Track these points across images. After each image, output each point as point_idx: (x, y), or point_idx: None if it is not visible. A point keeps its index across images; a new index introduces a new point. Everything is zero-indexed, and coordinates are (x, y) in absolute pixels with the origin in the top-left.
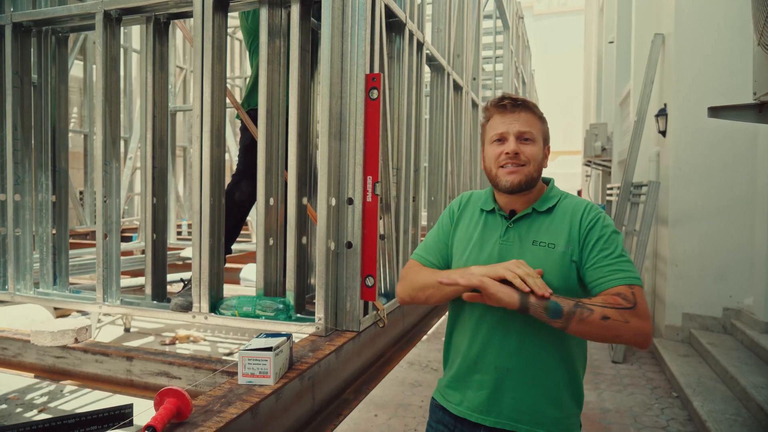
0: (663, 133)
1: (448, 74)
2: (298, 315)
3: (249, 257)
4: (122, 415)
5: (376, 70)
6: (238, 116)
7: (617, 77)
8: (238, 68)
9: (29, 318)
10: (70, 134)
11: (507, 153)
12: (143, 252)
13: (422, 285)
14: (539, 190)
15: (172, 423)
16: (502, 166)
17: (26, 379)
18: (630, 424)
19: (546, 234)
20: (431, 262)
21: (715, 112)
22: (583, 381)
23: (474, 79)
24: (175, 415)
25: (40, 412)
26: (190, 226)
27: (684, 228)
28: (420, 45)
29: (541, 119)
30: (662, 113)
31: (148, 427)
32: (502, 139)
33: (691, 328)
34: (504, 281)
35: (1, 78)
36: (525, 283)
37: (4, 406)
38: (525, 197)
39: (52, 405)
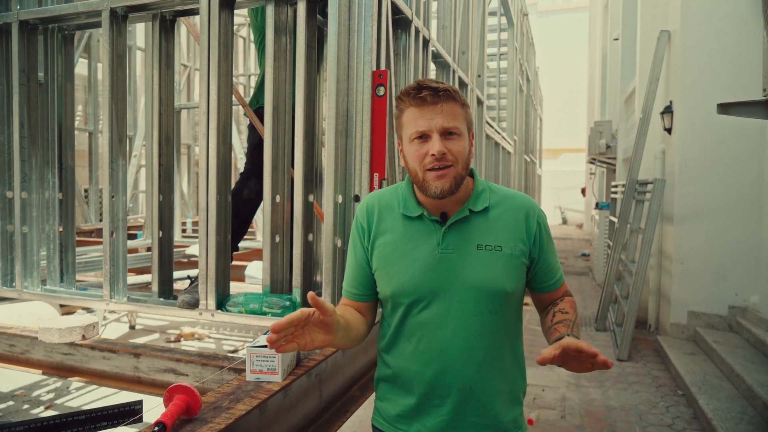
0: (668, 130)
1: (454, 71)
2: None
3: (254, 254)
4: (132, 411)
5: (383, 67)
6: (245, 114)
7: (622, 74)
8: (242, 66)
9: (36, 315)
10: (75, 132)
11: (433, 155)
12: (148, 249)
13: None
14: (466, 184)
15: (181, 419)
16: (429, 170)
17: (32, 375)
18: (635, 422)
19: (488, 236)
20: (355, 293)
21: (724, 108)
22: (585, 377)
23: (479, 76)
24: (185, 412)
25: (46, 408)
26: (194, 223)
27: (690, 225)
28: (426, 42)
29: (464, 105)
30: (668, 110)
31: (158, 423)
32: (424, 137)
33: (696, 326)
34: None
35: (7, 76)
36: None
37: (11, 402)
38: (454, 197)
39: (58, 402)
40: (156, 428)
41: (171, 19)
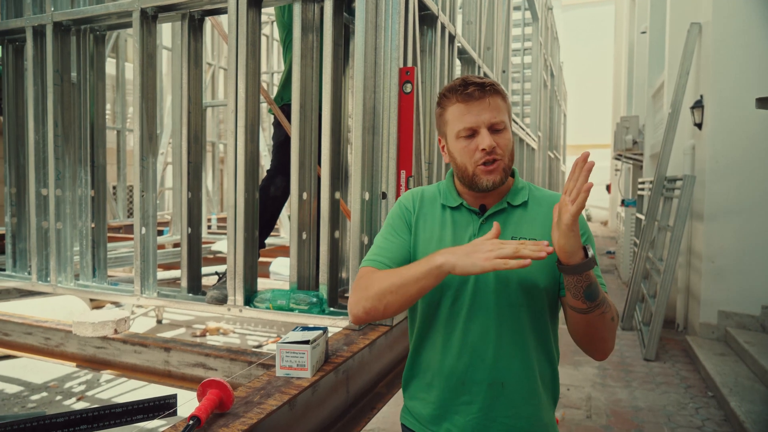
0: (699, 125)
1: (479, 67)
2: (331, 309)
3: (278, 251)
4: (167, 404)
5: (410, 63)
6: (270, 111)
7: (650, 68)
8: (265, 63)
9: (67, 309)
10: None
11: (483, 149)
12: (174, 245)
13: (380, 291)
14: (508, 181)
15: (214, 413)
16: (480, 165)
17: (65, 367)
18: (663, 423)
19: (524, 229)
20: (387, 264)
21: (763, 103)
22: (612, 377)
23: (504, 71)
24: (218, 406)
25: (78, 400)
26: (219, 220)
27: (720, 223)
28: (452, 38)
29: (505, 98)
30: (698, 105)
31: (192, 417)
32: (472, 133)
33: (727, 326)
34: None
35: (42, 76)
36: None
37: (44, 393)
38: (496, 191)
39: (89, 393)
40: (191, 422)
41: (199, 19)
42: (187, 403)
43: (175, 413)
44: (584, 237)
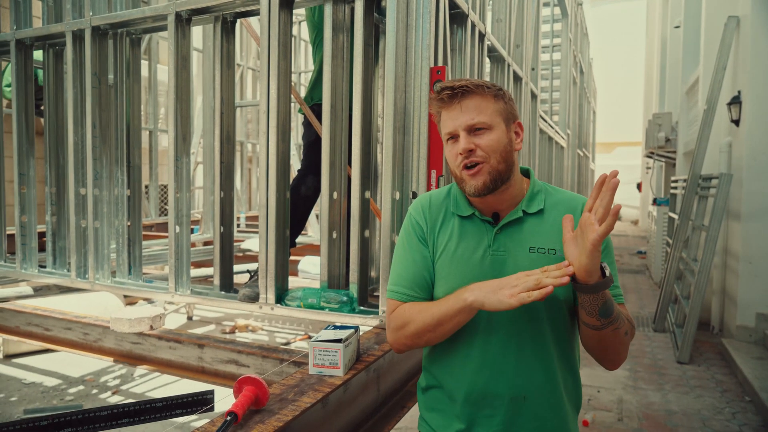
0: (736, 122)
1: (508, 65)
2: (361, 307)
3: (307, 249)
4: (204, 400)
5: (440, 62)
6: (300, 111)
7: (684, 64)
8: (293, 63)
9: (103, 305)
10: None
11: (460, 153)
12: (205, 244)
13: (417, 330)
14: (520, 184)
15: (250, 410)
16: (462, 169)
17: (100, 361)
18: (698, 428)
19: (542, 238)
20: (413, 296)
21: None
22: (643, 380)
23: (533, 69)
24: (254, 402)
25: (113, 393)
26: (248, 218)
27: (759, 223)
28: (481, 36)
29: (496, 97)
30: (735, 101)
31: (230, 412)
32: (454, 137)
33: (765, 329)
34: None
35: (81, 79)
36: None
37: (81, 387)
38: (505, 195)
39: (124, 387)
40: (228, 417)
41: (231, 21)
42: (223, 399)
43: (212, 409)
44: (604, 253)
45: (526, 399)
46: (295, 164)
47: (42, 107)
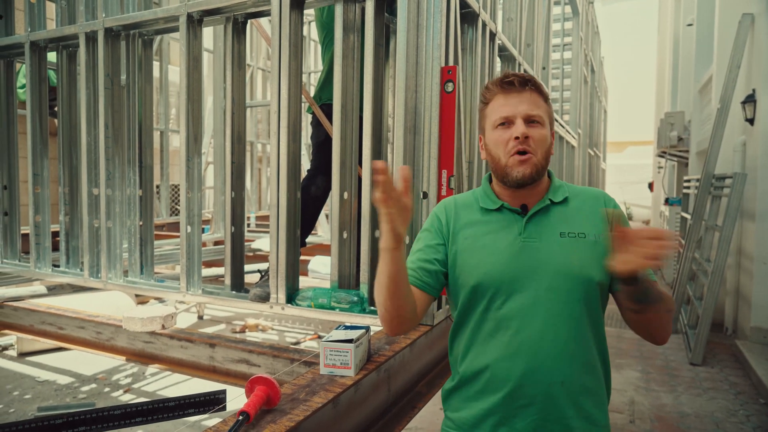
0: (750, 120)
1: (519, 64)
2: (372, 308)
3: (317, 249)
4: (216, 400)
5: (451, 62)
6: (309, 110)
7: (696, 62)
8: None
9: (115, 304)
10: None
11: (516, 138)
12: (215, 243)
13: (377, 294)
14: (545, 181)
15: (262, 409)
16: (512, 155)
17: (112, 360)
18: (712, 431)
19: (570, 224)
20: (416, 278)
21: None
22: (656, 381)
23: (543, 68)
24: (265, 402)
25: (125, 392)
26: (258, 218)
27: None
28: (492, 35)
29: (547, 100)
30: (750, 99)
31: (242, 412)
32: (507, 123)
33: None
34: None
35: (94, 80)
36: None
37: (93, 385)
38: (535, 190)
39: (135, 386)
40: (240, 417)
41: (242, 22)
42: (234, 399)
43: (224, 408)
44: (627, 221)
45: (563, 385)
46: (305, 164)
47: (55, 108)
